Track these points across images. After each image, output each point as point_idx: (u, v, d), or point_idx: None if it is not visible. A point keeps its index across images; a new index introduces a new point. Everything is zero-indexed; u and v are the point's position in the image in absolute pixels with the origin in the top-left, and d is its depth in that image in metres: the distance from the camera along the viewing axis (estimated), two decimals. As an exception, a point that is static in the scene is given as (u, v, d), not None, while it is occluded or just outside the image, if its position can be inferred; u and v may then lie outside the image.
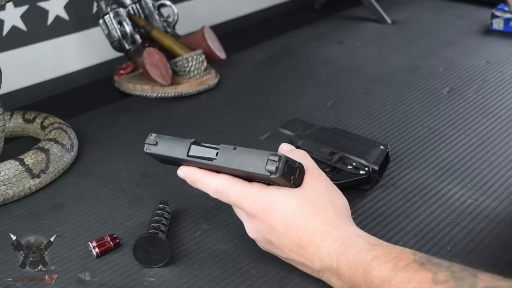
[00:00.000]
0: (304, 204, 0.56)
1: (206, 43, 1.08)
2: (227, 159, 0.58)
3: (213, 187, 0.60)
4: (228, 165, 0.58)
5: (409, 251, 0.52)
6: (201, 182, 0.61)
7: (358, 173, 0.73)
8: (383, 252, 0.52)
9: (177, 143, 0.62)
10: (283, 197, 0.57)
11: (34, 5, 1.06)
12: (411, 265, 0.49)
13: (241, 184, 0.59)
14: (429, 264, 0.49)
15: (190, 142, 0.61)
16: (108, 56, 1.16)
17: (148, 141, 0.63)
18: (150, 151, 0.63)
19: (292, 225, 0.56)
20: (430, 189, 0.75)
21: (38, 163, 0.77)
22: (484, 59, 1.14)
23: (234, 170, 0.58)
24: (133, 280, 0.62)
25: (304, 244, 0.56)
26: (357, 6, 1.43)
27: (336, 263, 0.54)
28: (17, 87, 1.06)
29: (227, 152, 0.59)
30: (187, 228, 0.70)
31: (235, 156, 0.58)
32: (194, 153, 0.60)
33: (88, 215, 0.73)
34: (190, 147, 0.61)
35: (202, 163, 0.60)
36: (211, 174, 0.61)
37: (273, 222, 0.57)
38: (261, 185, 0.59)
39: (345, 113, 0.96)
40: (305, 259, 0.57)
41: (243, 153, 0.58)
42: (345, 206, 0.59)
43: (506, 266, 0.62)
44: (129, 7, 1.08)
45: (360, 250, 0.53)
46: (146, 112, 1.00)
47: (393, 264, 0.50)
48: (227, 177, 0.60)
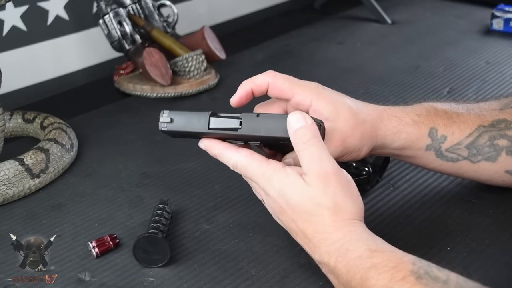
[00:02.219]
0: (305, 202, 0.56)
1: (206, 43, 1.08)
2: (252, 127, 0.57)
3: (232, 163, 0.60)
4: (255, 132, 0.57)
5: (409, 259, 0.51)
6: (221, 156, 0.61)
7: (358, 173, 0.73)
8: (382, 260, 0.51)
9: (194, 116, 0.59)
10: (290, 188, 0.56)
11: (34, 5, 1.06)
12: (408, 278, 0.49)
13: (258, 162, 0.58)
14: (426, 278, 0.49)
15: (209, 114, 0.59)
16: (108, 56, 1.16)
17: (162, 119, 0.60)
18: (167, 129, 0.60)
19: (297, 214, 0.56)
20: (430, 189, 0.75)
21: (38, 163, 0.77)
22: (484, 59, 1.14)
23: (261, 137, 0.58)
24: (133, 280, 0.62)
25: (308, 235, 0.56)
26: (357, 6, 1.43)
27: (334, 263, 0.54)
28: (17, 87, 1.06)
29: (251, 119, 0.58)
30: (187, 228, 0.70)
31: (261, 123, 0.57)
32: (216, 124, 0.59)
33: (88, 215, 0.73)
34: (210, 120, 0.59)
35: (226, 134, 0.59)
36: (230, 150, 0.60)
37: (283, 205, 0.57)
38: (277, 165, 0.58)
39: (345, 113, 0.96)
40: (307, 247, 0.57)
41: (268, 118, 0.57)
42: (355, 208, 0.57)
43: (504, 266, 0.62)
44: (129, 7, 1.08)
45: (360, 256, 0.52)
46: (146, 112, 1.00)
47: (390, 275, 0.50)
48: (245, 154, 0.59)
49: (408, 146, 0.67)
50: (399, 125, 0.66)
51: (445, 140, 0.67)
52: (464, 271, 0.60)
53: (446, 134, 0.66)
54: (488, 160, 0.67)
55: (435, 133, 0.66)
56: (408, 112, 0.67)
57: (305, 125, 0.56)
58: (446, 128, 0.67)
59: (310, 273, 0.60)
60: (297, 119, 0.57)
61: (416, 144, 0.66)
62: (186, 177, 0.80)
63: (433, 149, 0.67)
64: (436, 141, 0.66)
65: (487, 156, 0.67)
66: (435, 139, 0.66)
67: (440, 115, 0.67)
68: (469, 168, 0.68)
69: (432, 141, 0.66)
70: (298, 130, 0.56)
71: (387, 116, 0.66)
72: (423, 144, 0.67)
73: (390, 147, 0.67)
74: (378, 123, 0.65)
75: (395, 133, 0.65)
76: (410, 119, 0.66)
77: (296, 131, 0.56)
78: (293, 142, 0.56)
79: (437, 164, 0.68)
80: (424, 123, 0.66)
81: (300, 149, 0.56)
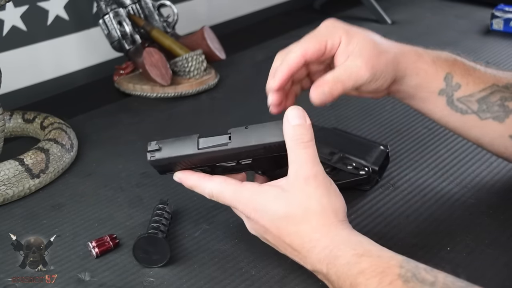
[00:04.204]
0: (293, 209, 0.56)
1: (206, 43, 1.08)
2: (243, 139, 0.57)
3: (207, 192, 0.60)
4: (246, 144, 0.57)
5: (396, 262, 0.51)
6: (196, 187, 0.61)
7: (358, 173, 0.73)
8: (370, 265, 0.51)
9: (182, 141, 0.59)
10: (273, 201, 0.56)
11: (34, 5, 1.06)
12: (395, 282, 0.49)
13: (232, 187, 0.59)
14: (413, 281, 0.49)
15: (197, 136, 0.59)
16: (108, 56, 1.16)
17: (150, 148, 0.59)
18: (155, 158, 0.59)
19: (282, 229, 0.56)
20: (430, 190, 0.75)
21: (38, 163, 0.77)
22: (484, 59, 1.14)
23: (253, 147, 0.57)
24: (133, 280, 0.62)
25: (296, 247, 0.56)
26: (357, 6, 1.43)
27: (326, 269, 0.54)
28: (17, 87, 1.06)
29: (240, 132, 0.58)
30: (187, 228, 0.70)
31: (251, 134, 0.57)
32: (205, 144, 0.58)
33: (87, 215, 0.73)
34: (198, 141, 0.58)
35: (216, 151, 0.58)
36: (204, 179, 0.60)
37: (266, 224, 0.57)
38: (252, 186, 0.58)
39: (345, 113, 0.96)
40: (298, 259, 0.57)
41: (257, 128, 0.58)
42: (339, 209, 0.57)
43: (504, 266, 0.62)
44: (129, 7, 1.08)
45: (348, 262, 0.52)
46: (146, 112, 1.00)
47: (378, 280, 0.50)
48: (218, 181, 0.59)
49: (424, 86, 0.67)
50: (418, 61, 0.67)
51: (458, 89, 0.67)
52: (464, 271, 0.60)
53: (460, 83, 0.67)
54: (495, 120, 0.67)
55: (451, 79, 0.67)
56: (429, 52, 0.68)
57: (304, 123, 0.56)
58: (461, 78, 0.67)
59: (310, 273, 0.59)
60: (297, 115, 0.57)
61: (431, 85, 0.67)
62: (186, 177, 0.80)
63: (446, 95, 0.67)
64: (450, 87, 0.67)
65: (495, 115, 0.67)
66: (449, 85, 0.67)
67: (458, 65, 0.68)
68: (475, 124, 0.68)
69: (446, 86, 0.67)
70: (297, 127, 0.56)
71: (408, 51, 0.67)
72: (437, 87, 0.67)
73: (408, 83, 0.67)
74: (400, 55, 0.66)
75: (414, 68, 0.67)
76: (429, 59, 0.67)
77: (295, 127, 0.56)
78: (288, 137, 0.56)
79: (445, 113, 0.68)
80: (442, 66, 0.67)
81: (296, 147, 0.56)
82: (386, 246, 0.55)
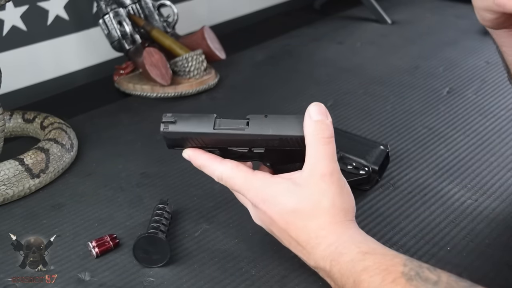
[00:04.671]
0: (303, 204, 0.56)
1: (206, 43, 1.08)
2: (260, 127, 0.57)
3: (217, 174, 0.60)
4: (263, 132, 0.56)
5: (400, 260, 0.51)
6: (206, 167, 0.60)
7: (358, 173, 0.73)
8: (374, 263, 0.51)
9: (199, 118, 0.58)
10: (284, 194, 0.56)
11: (34, 5, 1.06)
12: (399, 280, 0.49)
13: (244, 173, 0.58)
14: (417, 280, 0.49)
15: (214, 116, 0.58)
16: (108, 56, 1.16)
17: (165, 119, 0.58)
18: (168, 130, 0.58)
19: (290, 223, 0.56)
20: (430, 190, 0.75)
21: (38, 163, 0.77)
22: (484, 59, 1.14)
23: (269, 137, 0.57)
24: (133, 280, 0.62)
25: (301, 243, 0.56)
26: (357, 6, 1.43)
27: (329, 267, 0.54)
28: (17, 87, 1.06)
29: (259, 120, 0.57)
30: (187, 228, 0.70)
31: (269, 123, 0.56)
32: (222, 125, 0.58)
33: (87, 215, 0.73)
34: (215, 121, 0.58)
35: (231, 134, 0.57)
36: (215, 161, 0.60)
37: (273, 216, 0.57)
38: (264, 176, 0.58)
39: (345, 113, 0.96)
40: (302, 254, 0.57)
41: (277, 119, 0.57)
42: (349, 209, 0.57)
43: (504, 266, 0.62)
44: (129, 7, 1.08)
45: (352, 259, 0.52)
46: (146, 112, 1.00)
47: (381, 278, 0.50)
48: (230, 166, 0.59)
49: None
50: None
51: None
52: (464, 271, 0.60)
53: None
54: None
55: None
56: None
57: (325, 120, 0.56)
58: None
59: (310, 273, 0.59)
60: (320, 111, 0.56)
61: None
62: (186, 177, 0.80)
63: None
64: None
65: None
66: None
67: None
68: None
69: None
70: (319, 123, 0.55)
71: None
72: None
73: None
74: None
75: None
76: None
77: (317, 122, 0.55)
78: (309, 132, 0.55)
79: None
80: None
81: (316, 142, 0.55)
82: (386, 245, 0.55)
